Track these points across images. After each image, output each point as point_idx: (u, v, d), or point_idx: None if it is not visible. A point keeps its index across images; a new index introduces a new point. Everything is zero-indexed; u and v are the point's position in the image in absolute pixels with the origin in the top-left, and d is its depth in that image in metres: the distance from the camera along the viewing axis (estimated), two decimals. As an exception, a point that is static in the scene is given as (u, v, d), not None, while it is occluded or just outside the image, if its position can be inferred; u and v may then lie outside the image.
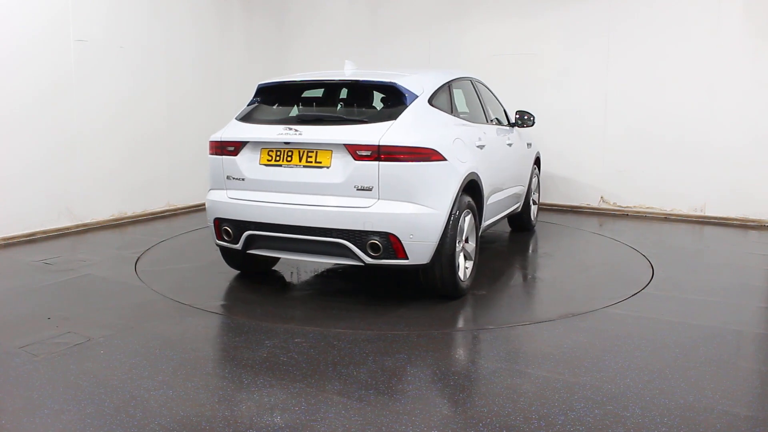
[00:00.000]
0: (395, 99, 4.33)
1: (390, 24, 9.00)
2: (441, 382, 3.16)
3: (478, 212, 4.67)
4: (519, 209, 6.39)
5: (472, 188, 4.56)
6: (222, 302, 4.56)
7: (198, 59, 8.19)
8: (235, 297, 4.63)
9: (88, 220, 6.87)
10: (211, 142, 4.55)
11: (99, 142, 6.94)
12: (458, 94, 5.46)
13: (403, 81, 4.39)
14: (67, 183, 6.65)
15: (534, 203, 6.90)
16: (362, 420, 2.75)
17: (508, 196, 5.74)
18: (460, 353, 3.66)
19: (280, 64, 9.29)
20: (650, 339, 3.70)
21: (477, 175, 4.57)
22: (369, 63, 8.88)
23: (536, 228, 6.99)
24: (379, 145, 3.96)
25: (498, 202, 5.39)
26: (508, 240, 6.54)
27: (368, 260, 4.08)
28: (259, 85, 4.79)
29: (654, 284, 4.85)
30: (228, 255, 4.90)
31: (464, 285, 4.44)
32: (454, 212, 4.19)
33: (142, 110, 7.44)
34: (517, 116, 6.09)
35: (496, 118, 5.92)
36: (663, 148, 7.53)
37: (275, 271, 5.27)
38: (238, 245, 4.46)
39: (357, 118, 4.35)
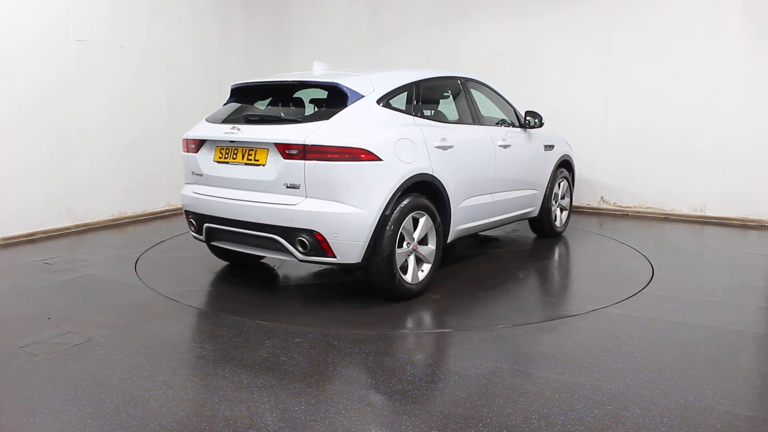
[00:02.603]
0: (337, 99, 4.38)
1: (390, 24, 9.00)
2: (441, 382, 3.16)
3: (441, 215, 4.63)
4: (535, 214, 6.25)
5: (430, 189, 4.54)
6: (222, 302, 4.56)
7: (198, 59, 8.19)
8: (235, 297, 4.63)
9: (88, 220, 6.87)
10: (182, 140, 4.84)
11: (99, 142, 6.95)
12: (437, 95, 5.45)
13: (348, 81, 4.43)
14: (67, 183, 6.65)
15: (562, 209, 6.65)
16: (362, 420, 2.75)
17: (507, 199, 5.62)
18: (461, 353, 3.65)
19: (280, 64, 9.27)
20: (650, 339, 3.70)
21: (433, 176, 4.51)
22: (369, 63, 8.89)
23: (564, 234, 6.70)
24: (304, 144, 4.05)
25: (484, 206, 5.25)
26: (516, 243, 6.54)
27: (300, 257, 4.20)
28: (232, 86, 4.97)
29: (654, 284, 4.85)
30: (210, 246, 5.11)
31: (413, 287, 4.41)
32: (389, 213, 4.17)
33: (142, 110, 7.45)
34: (527, 117, 6.03)
35: (510, 120, 5.86)
36: (663, 148, 7.53)
37: (263, 263, 5.32)
38: (202, 236, 4.76)
39: (292, 118, 4.46)
